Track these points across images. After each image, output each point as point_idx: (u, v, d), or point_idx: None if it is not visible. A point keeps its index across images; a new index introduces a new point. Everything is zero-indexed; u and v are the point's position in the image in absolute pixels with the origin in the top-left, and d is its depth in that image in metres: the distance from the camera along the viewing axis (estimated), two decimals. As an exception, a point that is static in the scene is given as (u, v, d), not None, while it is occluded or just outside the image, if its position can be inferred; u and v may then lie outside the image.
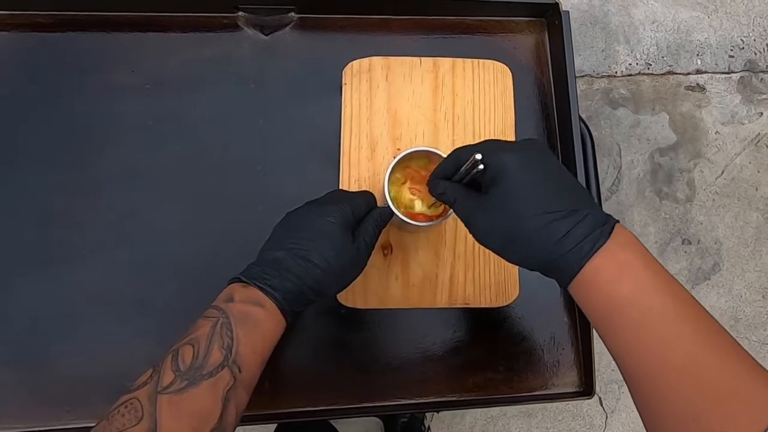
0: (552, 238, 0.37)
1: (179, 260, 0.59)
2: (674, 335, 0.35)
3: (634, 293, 0.36)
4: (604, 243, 0.36)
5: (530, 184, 0.38)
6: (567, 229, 0.37)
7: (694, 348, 0.34)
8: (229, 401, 0.40)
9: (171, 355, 0.40)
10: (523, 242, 0.38)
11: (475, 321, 0.61)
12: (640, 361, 0.36)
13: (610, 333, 0.38)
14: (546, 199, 0.38)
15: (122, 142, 0.61)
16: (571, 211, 0.37)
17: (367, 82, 0.63)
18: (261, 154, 0.62)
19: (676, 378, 0.34)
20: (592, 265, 0.36)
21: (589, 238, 0.36)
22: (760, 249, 1.51)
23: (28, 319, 0.57)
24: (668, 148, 1.52)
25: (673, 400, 0.34)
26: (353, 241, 0.48)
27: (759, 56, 1.59)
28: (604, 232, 0.37)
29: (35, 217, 0.59)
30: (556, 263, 0.37)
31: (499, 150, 0.40)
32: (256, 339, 0.43)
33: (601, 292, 0.37)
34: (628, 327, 0.36)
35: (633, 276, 0.36)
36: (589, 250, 0.36)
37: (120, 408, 0.38)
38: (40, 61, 0.62)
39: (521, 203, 0.38)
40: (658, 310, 0.35)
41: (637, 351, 0.36)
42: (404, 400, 0.59)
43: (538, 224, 0.37)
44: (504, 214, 0.39)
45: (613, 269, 0.36)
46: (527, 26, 0.69)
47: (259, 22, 0.65)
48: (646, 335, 0.35)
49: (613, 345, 0.38)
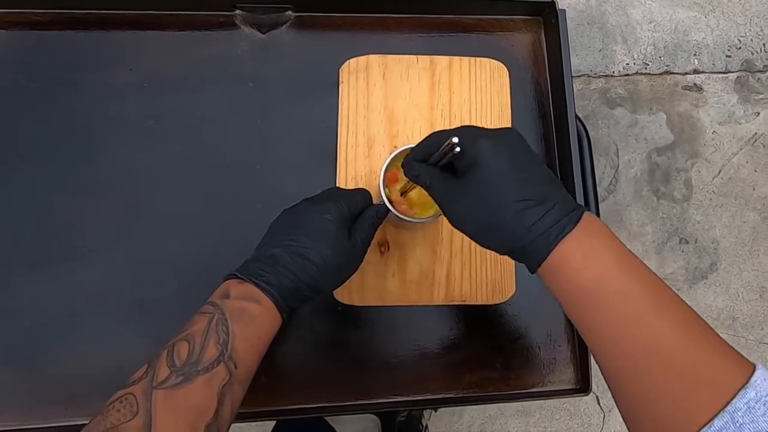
0: (523, 225, 0.38)
1: (178, 259, 0.59)
2: (640, 317, 0.36)
3: (600, 277, 0.37)
4: (572, 230, 0.37)
5: (505, 172, 0.39)
6: (537, 217, 0.38)
7: (659, 329, 0.35)
8: (225, 396, 0.40)
9: (166, 351, 0.40)
10: (496, 228, 0.39)
11: (471, 318, 0.62)
12: (608, 344, 0.37)
13: (579, 317, 0.39)
14: (519, 188, 0.38)
15: (121, 141, 0.61)
16: (542, 200, 0.38)
17: (364, 80, 0.63)
18: (259, 153, 0.62)
19: (643, 359, 0.35)
20: (559, 251, 0.37)
21: (557, 225, 0.37)
22: (757, 248, 1.52)
23: (28, 318, 0.57)
24: (665, 148, 1.53)
25: (640, 383, 0.35)
26: (349, 238, 0.48)
27: (756, 56, 1.59)
28: (572, 220, 0.38)
29: (34, 217, 0.59)
30: (526, 249, 0.39)
31: (477, 136, 0.40)
32: (252, 335, 0.43)
33: (568, 277, 0.38)
34: (595, 310, 0.37)
35: (598, 261, 0.37)
36: (556, 236, 0.37)
37: (115, 403, 0.38)
38: (38, 59, 0.62)
39: (496, 191, 0.39)
40: (624, 292, 0.36)
41: (605, 334, 0.37)
42: (401, 397, 0.59)
43: (510, 212, 0.38)
44: (478, 200, 0.39)
45: (579, 255, 0.37)
46: (524, 25, 0.69)
47: (256, 21, 0.65)
48: (612, 318, 0.36)
49: (583, 329, 0.39)
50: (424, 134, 0.61)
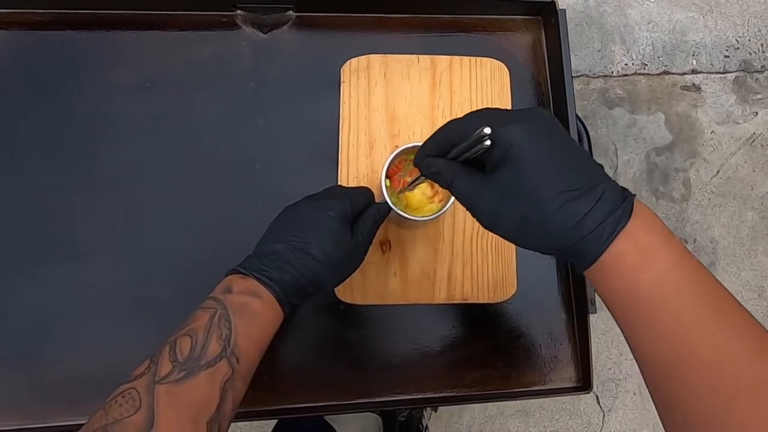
0: (570, 221, 0.33)
1: (178, 259, 0.59)
2: (700, 326, 0.32)
3: (658, 281, 0.33)
4: (626, 224, 0.33)
5: (544, 161, 0.34)
6: (586, 210, 0.33)
7: (720, 339, 0.32)
8: (227, 392, 0.40)
9: (169, 346, 0.40)
10: (538, 227, 0.35)
11: (473, 317, 0.62)
12: (663, 352, 0.33)
13: (632, 322, 0.35)
14: (561, 177, 0.34)
15: (121, 141, 0.61)
16: (588, 187, 0.33)
17: (366, 79, 0.63)
18: (260, 152, 0.62)
19: (703, 371, 0.32)
20: (613, 251, 0.33)
21: (609, 219, 0.33)
22: (756, 248, 1.52)
23: (28, 317, 0.57)
24: (664, 148, 1.53)
25: (692, 397, 0.32)
26: (351, 235, 0.48)
27: (754, 56, 1.60)
28: (626, 212, 0.33)
29: (35, 216, 0.59)
30: (574, 248, 0.34)
31: (507, 123, 0.35)
32: (254, 330, 0.43)
33: (622, 279, 0.34)
34: (651, 316, 0.33)
35: (657, 262, 0.33)
36: (611, 233, 0.33)
37: (117, 398, 0.38)
38: (38, 59, 0.62)
39: (535, 184, 0.34)
40: (684, 298, 0.33)
41: (661, 341, 0.33)
42: (403, 395, 0.59)
43: (554, 205, 0.33)
44: (516, 197, 0.35)
45: (636, 255, 0.33)
46: (524, 24, 0.69)
47: (257, 21, 0.65)
48: (670, 324, 0.33)
49: (634, 335, 0.35)
50: (426, 134, 0.62)
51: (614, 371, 1.41)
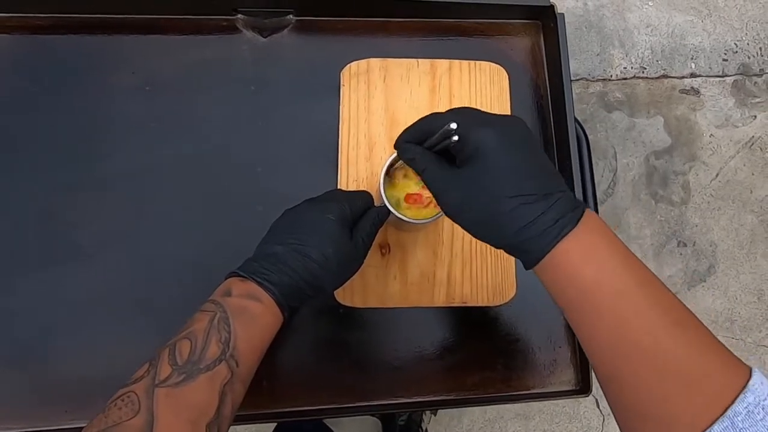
0: (522, 221, 0.37)
1: (180, 261, 0.60)
2: (638, 317, 0.35)
3: (598, 275, 0.36)
4: (572, 228, 0.36)
5: (507, 164, 0.37)
6: (538, 213, 0.36)
7: (658, 330, 0.34)
8: (226, 395, 0.40)
9: (168, 349, 0.40)
10: (492, 223, 0.38)
11: (472, 320, 0.62)
12: (605, 344, 0.36)
13: (576, 316, 0.38)
14: (521, 182, 0.37)
15: (123, 144, 0.61)
16: (543, 194, 0.37)
17: (365, 83, 0.63)
18: (260, 155, 0.63)
19: (640, 360, 0.34)
20: (558, 249, 0.36)
21: (558, 222, 0.36)
22: (755, 251, 1.52)
23: (29, 318, 0.57)
24: (663, 151, 1.54)
25: (636, 382, 0.35)
26: (351, 238, 0.48)
27: (752, 60, 1.60)
28: (573, 218, 0.37)
29: (36, 218, 0.59)
30: (524, 245, 0.37)
31: (480, 124, 0.38)
32: (254, 333, 0.43)
33: (566, 274, 0.37)
34: (592, 309, 0.36)
35: (598, 259, 0.36)
36: (557, 234, 0.36)
37: (117, 401, 0.38)
38: (40, 63, 0.62)
39: (496, 184, 0.37)
40: (623, 291, 0.36)
41: (602, 333, 0.36)
42: (402, 399, 0.59)
43: (510, 206, 0.37)
44: (478, 193, 0.38)
45: (579, 252, 0.36)
46: (523, 28, 0.70)
47: (257, 25, 0.65)
48: (610, 317, 0.36)
49: (579, 328, 0.38)
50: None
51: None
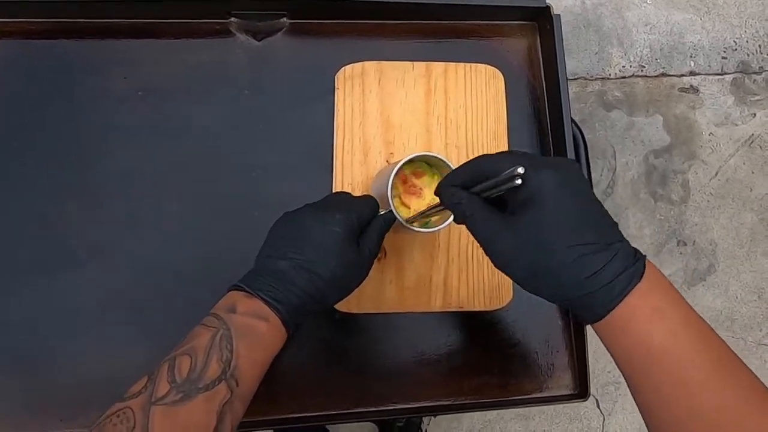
0: (582, 274, 0.34)
1: (176, 266, 0.59)
2: (702, 383, 0.33)
3: (667, 340, 0.34)
4: (638, 282, 0.34)
5: (566, 211, 0.35)
6: (600, 265, 0.34)
7: (724, 399, 0.33)
8: (225, 414, 0.39)
9: (167, 365, 0.39)
10: (550, 275, 0.35)
11: (469, 325, 0.61)
12: (671, 410, 0.34)
13: (639, 380, 0.36)
14: (582, 230, 0.34)
15: (117, 149, 0.61)
16: (606, 244, 0.34)
17: (360, 86, 0.63)
18: (255, 159, 0.62)
19: (704, 424, 0.33)
20: (624, 307, 0.34)
21: (623, 275, 0.34)
22: (755, 250, 1.52)
23: (23, 326, 0.57)
24: (662, 150, 1.53)
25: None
26: (358, 250, 0.46)
27: (751, 57, 1.59)
28: (638, 271, 0.34)
29: (29, 224, 0.59)
30: (584, 301, 0.35)
31: (539, 166, 0.35)
32: (257, 353, 0.42)
33: (632, 336, 0.35)
34: (661, 374, 0.34)
35: (666, 321, 0.34)
36: (623, 290, 0.34)
37: (112, 417, 0.37)
38: (33, 68, 0.62)
39: (554, 232, 0.34)
40: (690, 357, 0.34)
41: (669, 399, 0.34)
42: (399, 404, 0.59)
43: (569, 258, 0.34)
44: (534, 242, 0.35)
45: (647, 313, 0.34)
46: (519, 30, 0.69)
47: (251, 28, 0.65)
48: (679, 383, 0.34)
49: (639, 391, 0.36)
50: (420, 140, 0.62)
51: (614, 375, 1.41)
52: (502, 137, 0.64)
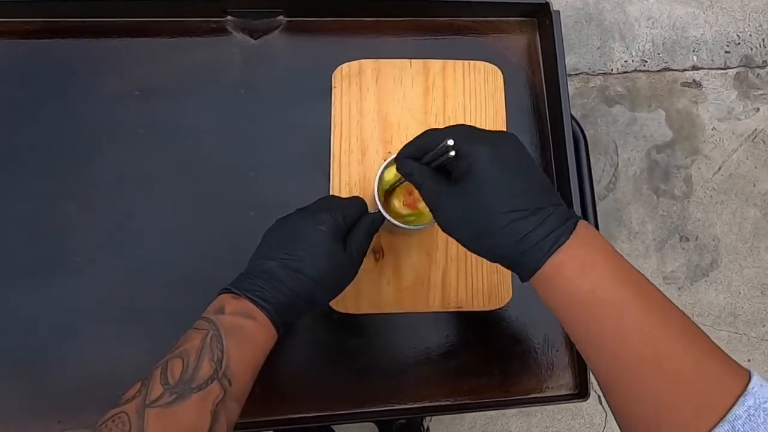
0: (515, 236, 0.37)
1: (172, 268, 0.59)
2: (637, 327, 0.35)
3: (595, 288, 0.36)
4: (565, 241, 0.37)
5: (501, 180, 0.38)
6: (530, 228, 0.37)
7: (657, 339, 0.35)
8: (219, 414, 0.39)
9: (160, 368, 0.40)
10: (487, 237, 0.39)
11: (468, 325, 0.61)
12: (606, 354, 0.36)
13: (575, 328, 0.38)
14: (513, 197, 0.38)
15: (112, 149, 0.61)
16: (535, 209, 0.37)
17: (357, 85, 0.62)
18: (252, 159, 0.62)
19: (641, 370, 0.35)
20: (552, 262, 0.37)
21: (550, 235, 0.37)
22: (758, 245, 1.51)
23: (18, 329, 0.57)
24: (665, 145, 1.52)
25: (638, 392, 0.35)
26: (345, 249, 0.47)
27: (755, 51, 1.58)
28: (566, 230, 0.37)
29: (27, 226, 0.58)
30: (518, 260, 0.38)
31: (475, 140, 0.39)
32: (247, 351, 0.42)
33: (563, 288, 0.37)
34: (591, 321, 0.37)
35: (594, 271, 0.37)
36: (550, 246, 0.37)
37: (108, 422, 0.37)
38: (28, 68, 0.62)
39: (490, 199, 0.38)
40: (620, 302, 0.36)
41: (602, 344, 0.36)
42: (398, 405, 0.59)
43: (503, 222, 0.37)
44: (472, 207, 0.39)
45: (574, 266, 0.37)
46: (518, 26, 0.68)
47: (247, 27, 0.64)
48: (607, 327, 0.36)
49: (577, 338, 0.38)
50: (418, 139, 0.61)
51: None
52: (501, 135, 0.63)
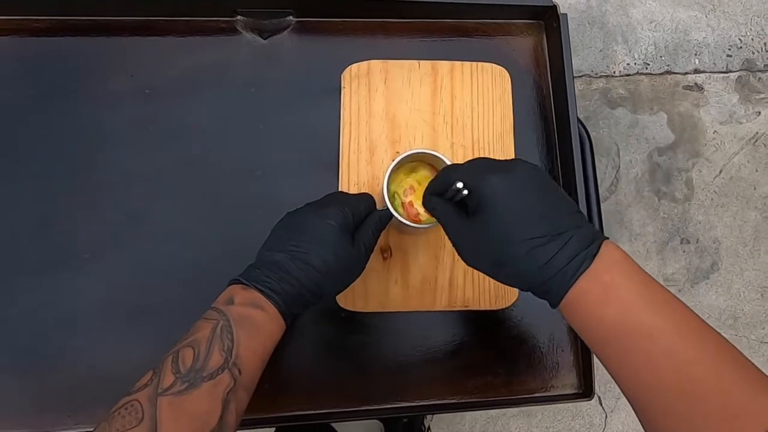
0: (536, 264, 0.37)
1: (179, 265, 0.59)
2: (665, 353, 0.34)
3: (621, 314, 0.36)
4: (589, 265, 0.36)
5: (514, 210, 0.38)
6: (551, 255, 0.36)
7: (686, 364, 0.34)
8: (229, 403, 0.40)
9: (171, 357, 0.40)
10: (510, 268, 0.39)
11: (474, 324, 0.62)
12: (636, 382, 0.36)
13: (604, 355, 0.38)
14: (529, 225, 0.37)
15: (121, 147, 0.61)
16: (554, 235, 0.37)
17: (366, 85, 0.63)
18: (260, 158, 0.62)
19: (671, 396, 0.34)
20: (577, 289, 0.36)
21: (574, 260, 0.36)
22: (759, 248, 1.52)
23: (30, 325, 0.57)
24: (666, 148, 1.53)
25: (669, 414, 0.34)
26: (353, 244, 0.48)
27: (757, 55, 1.59)
28: (589, 254, 0.37)
29: (34, 222, 0.59)
30: (543, 287, 0.38)
31: (484, 174, 0.39)
32: (257, 341, 0.43)
33: (589, 315, 0.37)
34: (619, 348, 0.36)
35: (619, 296, 0.36)
36: (574, 273, 0.36)
37: (120, 410, 0.38)
38: (38, 66, 0.62)
39: (504, 230, 0.38)
40: (648, 327, 0.35)
41: (631, 372, 0.36)
42: (404, 402, 0.59)
43: (521, 251, 0.37)
44: (488, 241, 0.39)
45: (598, 291, 0.36)
46: (526, 29, 0.69)
47: (257, 26, 0.65)
48: (636, 354, 0.35)
49: (609, 366, 0.38)
50: (426, 139, 0.62)
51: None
52: (508, 136, 0.63)
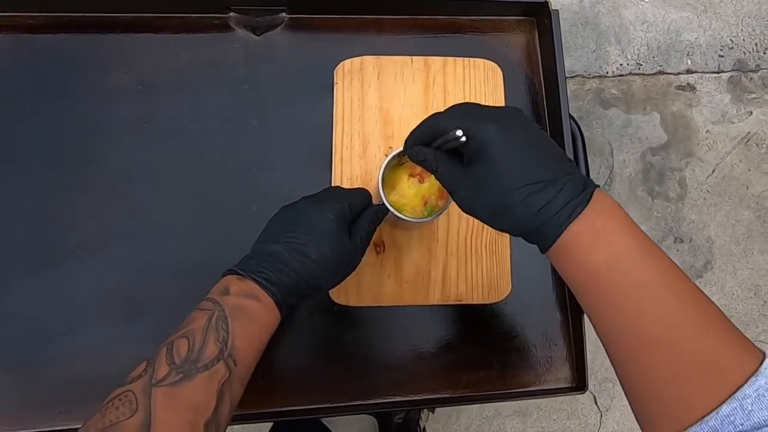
0: (533, 209, 0.37)
1: (174, 261, 0.59)
2: (652, 304, 0.35)
3: (609, 260, 0.36)
4: (582, 210, 0.37)
5: (512, 157, 0.38)
6: (547, 200, 0.37)
7: (672, 317, 0.35)
8: (224, 394, 0.40)
9: (165, 348, 0.40)
10: (507, 214, 0.39)
11: (467, 318, 0.62)
12: (619, 329, 0.36)
13: (589, 301, 0.38)
14: (527, 172, 0.38)
15: (116, 144, 0.61)
16: (550, 180, 0.37)
17: (359, 81, 0.63)
18: (254, 155, 0.62)
19: (654, 348, 0.35)
20: (569, 233, 0.37)
21: (567, 206, 0.37)
22: (752, 247, 1.53)
23: (22, 320, 0.57)
24: (659, 148, 1.54)
25: (648, 366, 0.35)
26: (349, 237, 0.48)
27: (748, 56, 1.60)
28: (583, 200, 0.37)
29: (30, 219, 0.59)
30: (537, 231, 0.38)
31: (481, 121, 0.39)
32: (252, 332, 0.43)
33: (577, 259, 0.37)
34: (605, 294, 0.36)
35: (609, 242, 0.36)
36: (568, 216, 0.37)
37: (114, 401, 0.37)
38: (31, 62, 0.62)
39: (504, 177, 0.38)
40: (635, 277, 0.36)
41: (615, 319, 0.36)
42: (398, 397, 0.59)
43: (519, 196, 0.37)
44: (488, 187, 0.39)
45: (589, 236, 0.36)
46: (518, 25, 0.69)
47: (250, 23, 0.65)
48: (623, 303, 0.36)
49: (591, 311, 0.38)
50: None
51: (611, 371, 1.41)
52: (501, 132, 0.64)
